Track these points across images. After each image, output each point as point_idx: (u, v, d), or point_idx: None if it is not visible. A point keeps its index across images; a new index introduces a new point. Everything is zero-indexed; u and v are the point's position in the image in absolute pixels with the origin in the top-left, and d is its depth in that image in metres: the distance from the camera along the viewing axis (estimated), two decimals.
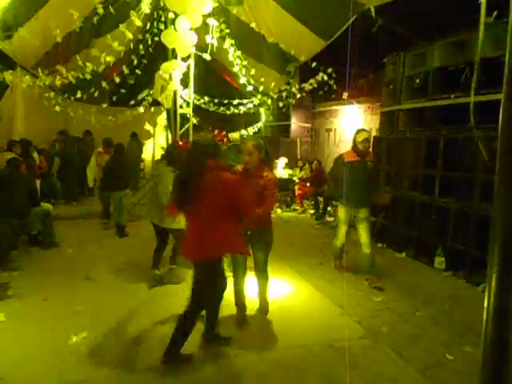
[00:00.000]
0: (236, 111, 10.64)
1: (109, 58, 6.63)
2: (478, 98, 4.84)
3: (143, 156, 13.20)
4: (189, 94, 7.97)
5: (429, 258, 5.42)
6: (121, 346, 3.23)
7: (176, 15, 6.10)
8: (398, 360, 3.13)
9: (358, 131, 4.70)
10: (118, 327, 3.55)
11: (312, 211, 8.80)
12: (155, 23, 7.87)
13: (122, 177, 6.67)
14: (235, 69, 8.29)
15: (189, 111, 8.03)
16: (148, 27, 8.03)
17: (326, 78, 8.11)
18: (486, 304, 1.30)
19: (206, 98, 11.17)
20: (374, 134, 8.33)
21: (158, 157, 12.82)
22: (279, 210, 9.12)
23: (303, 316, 3.82)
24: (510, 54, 1.15)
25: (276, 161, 9.18)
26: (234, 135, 9.26)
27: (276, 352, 3.18)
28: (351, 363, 2.92)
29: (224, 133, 11.86)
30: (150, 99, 10.32)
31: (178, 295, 4.31)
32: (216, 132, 12.13)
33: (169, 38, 6.14)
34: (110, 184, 6.68)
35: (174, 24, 6.14)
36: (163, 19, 7.61)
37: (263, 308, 3.79)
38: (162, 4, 7.05)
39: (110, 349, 3.20)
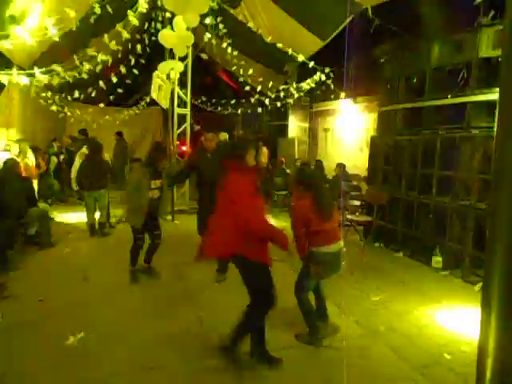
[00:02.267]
0: (234, 111, 10.65)
1: (106, 58, 6.61)
2: (475, 97, 4.87)
3: (141, 156, 13.16)
4: (187, 94, 7.97)
5: (426, 258, 5.44)
6: (118, 347, 3.23)
7: (173, 15, 6.09)
8: (395, 359, 3.13)
9: None
10: (115, 327, 3.55)
11: None
12: (153, 23, 7.87)
13: (96, 176, 6.48)
14: (233, 69, 8.30)
15: (186, 111, 8.03)
16: (145, 27, 8.02)
17: (323, 77, 8.12)
18: (482, 303, 1.30)
19: (204, 98, 11.19)
20: (371, 133, 8.35)
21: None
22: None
23: (300, 316, 3.81)
24: (506, 53, 1.15)
25: None
26: (223, 135, 9.27)
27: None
28: (349, 363, 2.93)
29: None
30: (147, 99, 10.31)
31: (179, 293, 4.31)
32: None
33: (166, 38, 6.12)
34: (85, 183, 6.56)
35: (171, 24, 6.13)
36: (160, 19, 7.60)
37: None
38: (159, 4, 7.04)
39: (108, 349, 3.19)
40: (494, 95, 4.50)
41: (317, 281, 3.47)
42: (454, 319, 3.84)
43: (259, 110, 10.04)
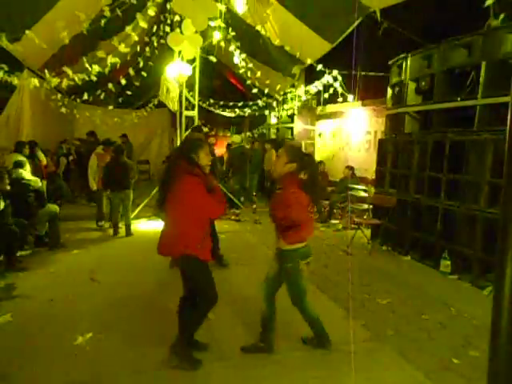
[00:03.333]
0: (241, 113, 10.69)
1: (115, 60, 6.68)
2: (485, 100, 4.83)
3: (148, 157, 13.26)
4: (195, 96, 8.01)
5: (434, 262, 5.40)
6: (126, 347, 3.24)
7: (182, 18, 6.14)
8: (403, 363, 3.11)
9: None
10: (123, 328, 3.56)
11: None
12: (161, 26, 7.93)
13: (121, 177, 6.65)
14: (241, 71, 8.32)
15: (194, 113, 8.06)
16: (154, 30, 8.08)
17: (331, 80, 8.13)
18: (492, 308, 1.29)
19: (212, 101, 11.24)
20: (379, 136, 8.32)
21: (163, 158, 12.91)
22: None
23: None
24: None
25: None
26: (236, 138, 9.34)
27: (280, 354, 3.17)
28: (356, 366, 2.91)
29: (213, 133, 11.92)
30: (155, 101, 10.38)
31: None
32: (213, 132, 12.23)
33: (174, 41, 6.17)
34: (110, 185, 6.70)
35: (179, 27, 6.18)
36: (169, 22, 7.66)
37: None
38: (168, 7, 7.10)
39: (116, 349, 3.21)
40: (503, 98, 4.46)
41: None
42: (463, 324, 3.80)
43: (266, 112, 10.07)
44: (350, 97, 8.71)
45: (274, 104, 9.30)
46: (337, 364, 3.06)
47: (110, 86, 7.79)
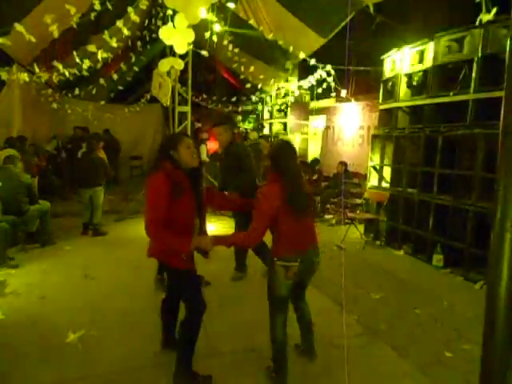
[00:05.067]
0: (235, 108, 10.65)
1: (106, 55, 6.59)
2: (477, 95, 4.84)
3: (141, 153, 13.17)
4: (188, 91, 7.95)
5: (427, 256, 5.43)
6: (119, 344, 3.23)
7: (174, 12, 6.07)
8: (396, 357, 3.13)
9: None
10: (116, 325, 3.55)
11: None
12: (153, 20, 7.84)
13: (90, 174, 6.41)
14: (234, 66, 8.27)
15: (187, 109, 8.00)
16: (146, 24, 8.00)
17: (324, 75, 8.11)
18: (486, 301, 1.30)
19: (205, 95, 11.18)
20: (372, 131, 8.32)
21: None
22: None
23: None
24: (511, 50, 1.14)
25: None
26: (253, 134, 9.38)
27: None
28: (350, 360, 2.92)
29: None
30: (148, 96, 10.29)
31: None
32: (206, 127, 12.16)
33: (167, 35, 6.09)
34: (80, 181, 6.52)
35: (172, 21, 6.11)
36: (161, 15, 7.57)
37: None
38: (160, 0, 7.01)
39: (108, 347, 3.19)
40: (496, 93, 4.47)
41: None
42: (455, 317, 3.83)
43: (260, 107, 10.04)
44: (343, 92, 8.70)
45: (268, 99, 9.26)
46: (331, 358, 3.07)
47: (102, 80, 7.70)
